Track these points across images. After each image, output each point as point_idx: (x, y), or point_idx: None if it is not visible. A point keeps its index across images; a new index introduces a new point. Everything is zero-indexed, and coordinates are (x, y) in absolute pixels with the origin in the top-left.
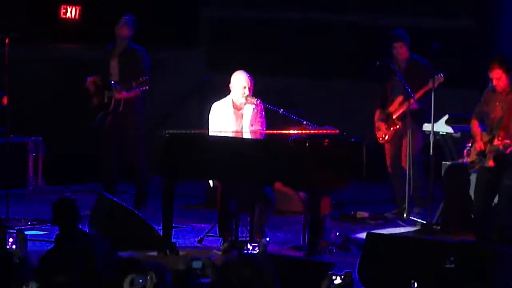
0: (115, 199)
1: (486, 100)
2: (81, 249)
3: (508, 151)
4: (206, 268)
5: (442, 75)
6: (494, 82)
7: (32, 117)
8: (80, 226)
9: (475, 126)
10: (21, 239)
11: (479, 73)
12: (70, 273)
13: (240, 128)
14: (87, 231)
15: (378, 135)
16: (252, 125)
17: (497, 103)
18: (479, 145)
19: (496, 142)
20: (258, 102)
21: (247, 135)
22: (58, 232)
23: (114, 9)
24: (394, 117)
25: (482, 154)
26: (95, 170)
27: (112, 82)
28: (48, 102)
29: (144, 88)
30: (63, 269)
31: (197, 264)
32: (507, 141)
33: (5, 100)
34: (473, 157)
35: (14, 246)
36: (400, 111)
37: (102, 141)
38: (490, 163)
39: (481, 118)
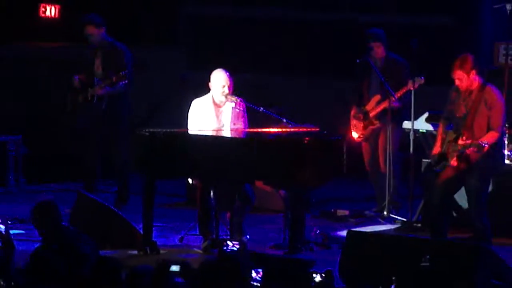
0: (95, 197)
1: (451, 99)
2: (67, 247)
3: (469, 151)
4: (184, 271)
5: (423, 78)
6: (456, 82)
7: (12, 117)
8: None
9: (439, 129)
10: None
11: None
12: (59, 269)
13: (220, 125)
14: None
15: (354, 134)
16: (234, 123)
17: (461, 102)
18: (435, 150)
19: (460, 141)
20: (238, 100)
21: (227, 133)
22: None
23: (93, 7)
24: (371, 115)
25: (440, 157)
26: (75, 169)
27: (95, 78)
28: (27, 101)
29: (123, 82)
30: (52, 265)
31: (175, 268)
32: (469, 141)
33: None
34: (434, 158)
35: None
36: (377, 110)
37: (85, 138)
38: (453, 162)
39: (449, 120)
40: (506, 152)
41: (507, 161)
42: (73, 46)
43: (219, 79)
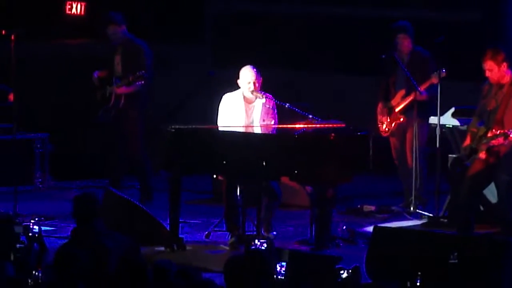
0: (122, 194)
1: (483, 94)
2: (94, 245)
3: (496, 142)
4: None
5: (444, 71)
6: (487, 73)
7: (38, 114)
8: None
9: (471, 123)
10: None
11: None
12: (83, 266)
13: (250, 121)
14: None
15: (380, 129)
16: (264, 120)
17: (492, 96)
18: (465, 143)
19: (489, 134)
20: (265, 97)
21: (257, 129)
22: (75, 226)
23: (119, 4)
24: (396, 110)
25: (470, 151)
26: (101, 166)
27: (114, 77)
28: (54, 98)
29: (140, 82)
30: (77, 263)
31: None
32: (497, 132)
33: (11, 97)
34: (465, 152)
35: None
36: (402, 104)
37: (106, 136)
38: (482, 155)
39: (481, 114)
40: None
41: None
42: (99, 43)
43: (245, 75)
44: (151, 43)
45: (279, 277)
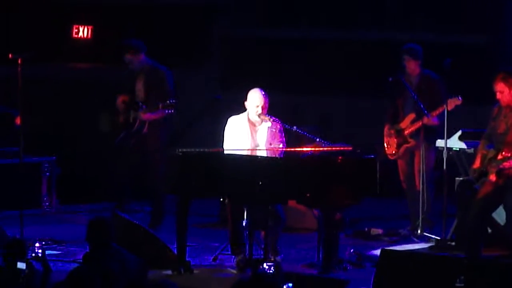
0: (129, 217)
1: (493, 116)
2: (105, 269)
3: (507, 164)
4: None
5: (460, 98)
6: (498, 95)
7: (45, 137)
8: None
9: (480, 145)
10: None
11: (492, 88)
12: None
13: (256, 144)
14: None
15: (388, 151)
16: (270, 143)
17: (502, 119)
18: (475, 165)
19: (500, 157)
20: (272, 120)
21: (263, 152)
22: (88, 250)
23: (125, 29)
24: (406, 133)
25: (480, 174)
26: (109, 189)
27: (139, 102)
28: (61, 121)
29: (170, 111)
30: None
31: None
32: (508, 154)
33: (18, 121)
34: (474, 175)
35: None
36: (412, 128)
37: (120, 159)
38: (492, 177)
39: (490, 137)
40: None
41: None
42: (105, 67)
43: (253, 98)
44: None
45: None
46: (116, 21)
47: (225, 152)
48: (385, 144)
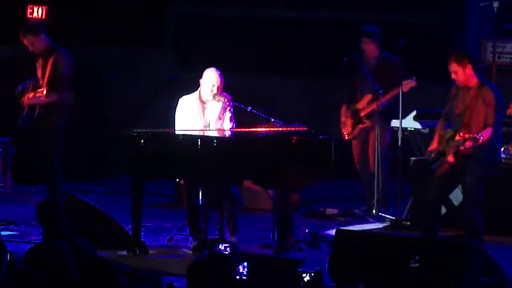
0: (84, 198)
1: (451, 96)
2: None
3: (466, 145)
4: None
5: (414, 80)
6: (453, 76)
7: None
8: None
9: (438, 126)
10: None
11: (447, 69)
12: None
13: (207, 123)
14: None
15: (344, 131)
16: (220, 118)
17: (460, 99)
18: (432, 146)
19: (457, 138)
20: (225, 100)
21: (213, 132)
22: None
23: (80, 8)
24: (362, 114)
25: (438, 155)
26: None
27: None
28: (14, 102)
29: (40, 97)
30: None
31: None
32: (466, 135)
33: None
34: (431, 156)
35: None
36: (368, 110)
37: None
38: (450, 158)
39: (448, 117)
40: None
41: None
42: (61, 47)
43: (210, 78)
44: (113, 47)
45: (242, 277)
46: (70, 1)
47: (177, 132)
48: (341, 124)
